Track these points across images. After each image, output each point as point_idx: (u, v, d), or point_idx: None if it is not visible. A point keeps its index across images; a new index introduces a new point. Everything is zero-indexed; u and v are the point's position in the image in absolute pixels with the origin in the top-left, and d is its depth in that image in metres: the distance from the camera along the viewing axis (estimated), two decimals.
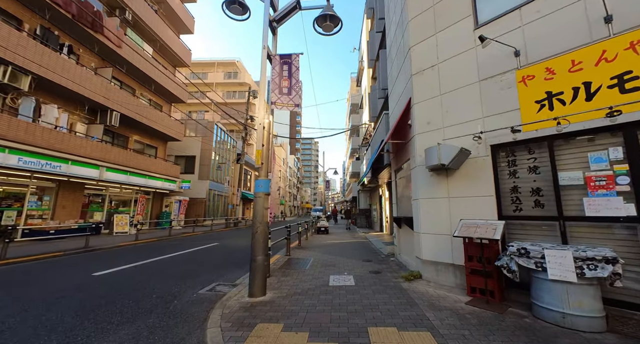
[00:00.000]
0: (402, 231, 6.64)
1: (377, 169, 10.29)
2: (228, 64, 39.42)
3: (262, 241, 4.20)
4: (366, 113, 15.99)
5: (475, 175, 4.29)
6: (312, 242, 10.74)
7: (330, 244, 10.18)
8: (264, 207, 4.28)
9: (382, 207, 15.34)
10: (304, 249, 8.67)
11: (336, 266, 6.15)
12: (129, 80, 15.89)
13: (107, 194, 14.50)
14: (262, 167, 4.38)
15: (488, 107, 4.23)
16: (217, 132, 25.12)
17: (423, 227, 4.86)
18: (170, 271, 5.82)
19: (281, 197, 50.52)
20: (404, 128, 5.88)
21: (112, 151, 13.43)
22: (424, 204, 4.90)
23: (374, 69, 13.13)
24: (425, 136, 5.02)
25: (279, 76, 4.88)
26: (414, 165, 5.29)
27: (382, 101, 11.43)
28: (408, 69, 5.65)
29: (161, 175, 17.22)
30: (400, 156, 6.54)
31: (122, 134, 15.58)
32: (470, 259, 3.89)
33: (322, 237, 12.55)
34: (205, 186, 22.74)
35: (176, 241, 11.46)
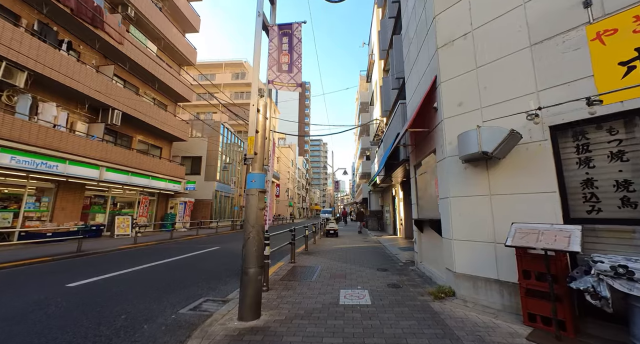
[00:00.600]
0: (425, 236, 5.68)
1: (391, 167, 9.34)
2: (236, 64, 39.24)
3: (256, 249, 3.37)
4: (377, 109, 15.05)
5: (528, 165, 3.33)
6: (320, 246, 9.87)
7: (340, 249, 9.27)
8: (259, 208, 3.45)
9: (395, 209, 14.32)
10: (311, 255, 7.80)
11: (347, 276, 5.26)
12: (132, 79, 15.53)
13: (110, 195, 14.09)
14: (255, 158, 3.56)
15: (544, 78, 3.27)
16: (223, 133, 24.68)
17: (456, 232, 3.92)
18: (156, 282, 5.07)
19: (290, 198, 49.88)
20: (427, 114, 4.95)
21: (113, 151, 13.00)
22: (456, 204, 3.96)
23: (386, 60, 12.20)
24: (457, 119, 4.09)
25: (278, 50, 4.07)
26: (441, 157, 4.35)
27: (395, 92, 10.49)
28: (432, 43, 4.73)
29: (165, 176, 16.76)
30: (421, 149, 5.60)
31: (125, 134, 15.20)
32: (526, 275, 2.93)
33: (331, 241, 11.66)
34: (211, 187, 22.27)
35: (176, 245, 10.82)
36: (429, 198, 5.39)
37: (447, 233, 4.14)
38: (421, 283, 4.80)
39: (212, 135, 23.34)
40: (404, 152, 7.41)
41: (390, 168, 9.46)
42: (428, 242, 5.45)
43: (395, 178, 11.13)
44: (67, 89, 11.02)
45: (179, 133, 18.25)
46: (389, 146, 9.20)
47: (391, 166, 9.18)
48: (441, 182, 4.40)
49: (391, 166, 9.18)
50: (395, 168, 8.83)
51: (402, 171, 9.76)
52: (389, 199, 16.36)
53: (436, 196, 4.84)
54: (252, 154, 3.49)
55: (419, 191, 6.03)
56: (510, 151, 3.39)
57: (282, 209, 46.56)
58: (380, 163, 10.20)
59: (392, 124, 8.88)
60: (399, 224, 13.28)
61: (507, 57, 3.64)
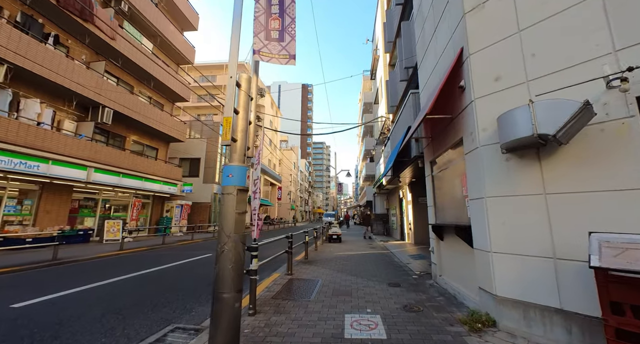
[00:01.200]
0: (445, 245, 4.77)
1: (401, 166, 8.45)
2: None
3: (233, 266, 2.51)
4: (382, 106, 14.20)
5: (603, 152, 2.44)
6: (322, 253, 8.97)
7: (344, 257, 8.36)
8: (237, 211, 2.59)
9: (402, 212, 13.37)
10: (311, 265, 6.91)
11: (353, 294, 4.36)
12: (126, 77, 14.90)
13: (100, 198, 13.36)
14: (234, 146, 2.72)
15: (626, 31, 2.39)
16: None
17: (495, 242, 3.02)
18: (122, 300, 4.22)
19: (292, 201, 49.03)
20: (450, 96, 4.08)
21: (103, 151, 12.28)
22: (494, 207, 3.07)
23: (392, 53, 11.39)
24: (493, 98, 3.21)
25: (266, 13, 3.25)
26: (471, 147, 3.47)
27: (403, 84, 9.64)
28: (455, 11, 3.89)
29: (160, 177, 16.02)
30: (440, 141, 4.72)
31: (118, 134, 14.52)
32: (618, 309, 2.03)
33: (334, 247, 10.74)
34: (210, 190, 21.51)
35: (167, 251, 9.99)
36: (451, 199, 4.49)
37: (481, 243, 3.24)
38: (445, 304, 3.88)
39: (211, 136, 22.64)
40: (417, 147, 6.53)
41: (399, 167, 8.57)
42: (450, 252, 4.54)
43: (403, 179, 10.23)
44: (52, 84, 10.36)
45: (175, 133, 17.56)
46: (397, 142, 8.33)
47: (400, 165, 8.29)
48: (471, 178, 3.51)
49: (400, 165, 8.29)
50: (405, 167, 7.94)
51: (411, 171, 8.86)
52: (395, 201, 15.42)
53: (462, 196, 3.95)
54: (229, 140, 2.64)
55: (438, 191, 5.14)
56: (576, 133, 2.50)
57: (284, 212, 45.68)
58: (388, 162, 9.31)
59: (402, 118, 8.02)
60: (407, 229, 12.32)
61: (564, 12, 2.77)
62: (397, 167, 8.75)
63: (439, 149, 4.82)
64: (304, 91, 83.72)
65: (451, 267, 4.50)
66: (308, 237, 8.06)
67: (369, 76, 37.37)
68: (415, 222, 11.19)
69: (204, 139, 22.55)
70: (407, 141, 5.73)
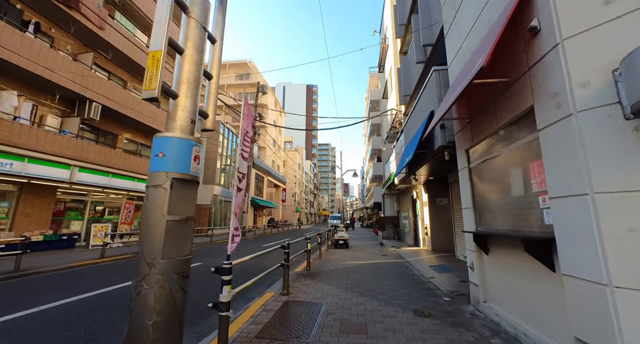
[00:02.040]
0: (494, 261, 3.53)
1: (417, 162, 7.22)
2: (240, 65, 38.07)
3: (155, 322, 1.34)
4: (393, 98, 12.97)
5: None
6: (327, 262, 7.77)
7: (353, 267, 7.15)
8: (172, 218, 1.44)
9: (416, 215, 12.08)
10: (313, 279, 5.72)
11: (369, 330, 3.16)
12: (118, 71, 14.03)
13: (89, 199, 12.44)
14: (174, 106, 1.59)
15: None
16: (224, 133, 23.08)
17: (618, 270, 1.79)
18: (51, 339, 3.11)
19: (296, 203, 47.92)
20: (508, 50, 2.87)
21: (90, 149, 11.35)
22: (612, 208, 1.84)
23: (405, 35, 10.18)
24: (602, 33, 2.00)
25: None
26: (554, 116, 2.25)
27: (419, 69, 8.42)
28: None
29: None
30: (486, 119, 3.50)
31: (109, 131, 13.64)
32: None
33: (340, 255, 9.53)
34: (210, 191, 20.55)
35: None
36: (505, 198, 3.25)
37: (581, 269, 2.01)
38: None
39: (211, 135, 21.72)
40: (442, 136, 5.30)
41: (417, 163, 7.33)
42: (504, 272, 3.30)
43: (418, 177, 8.97)
44: (32, 76, 9.47)
45: None
46: (414, 134, 7.11)
47: (418, 160, 7.05)
48: (555, 165, 2.29)
49: (418, 160, 7.05)
50: (425, 161, 6.69)
51: (429, 167, 7.62)
52: (407, 203, 14.12)
53: (529, 193, 2.72)
54: (154, 90, 1.51)
55: (479, 188, 3.89)
56: None
57: (288, 214, 44.60)
58: (402, 158, 8.08)
59: (419, 105, 6.80)
60: (423, 234, 11.02)
61: None
62: (414, 163, 7.52)
63: (482, 132, 3.59)
64: (308, 91, 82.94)
65: (506, 293, 3.26)
66: (310, 244, 6.88)
67: (375, 73, 36.20)
68: (432, 226, 9.89)
69: (204, 137, 21.63)
70: (431, 128, 4.52)
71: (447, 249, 9.40)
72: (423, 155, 6.46)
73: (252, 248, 12.09)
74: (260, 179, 32.03)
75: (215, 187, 20.85)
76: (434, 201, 10.08)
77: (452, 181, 8.38)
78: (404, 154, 8.45)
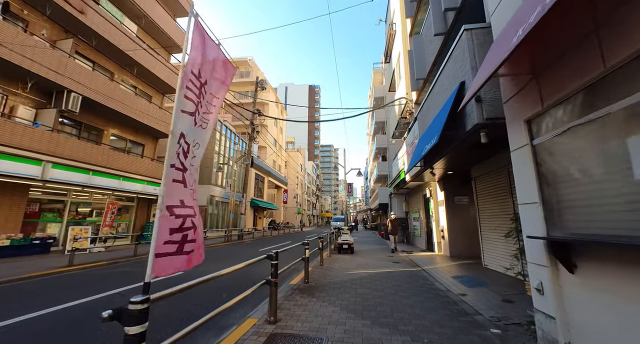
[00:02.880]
0: (582, 282, 2.29)
1: (439, 151, 5.98)
2: (239, 62, 37.14)
3: None
4: (402, 87, 11.77)
5: None
6: (329, 272, 6.56)
7: (361, 278, 5.93)
8: None
9: (430, 216, 10.81)
10: (311, 295, 4.52)
11: None
12: (104, 61, 13.02)
13: (69, 199, 11.36)
14: None
15: None
16: (221, 130, 22.02)
17: None
18: None
19: (298, 205, 46.70)
20: None
21: (68, 144, 10.29)
22: None
23: (417, 11, 8.98)
24: None
25: None
26: None
27: (436, 45, 7.21)
28: None
29: (144, 177, 14.00)
30: (567, 68, 2.29)
31: (93, 126, 12.59)
32: None
33: (345, 261, 8.30)
34: (206, 192, 19.45)
35: (128, 267, 7.78)
36: (616, 184, 2.01)
37: None
38: None
39: None
40: (478, 112, 4.08)
41: (438, 152, 6.08)
42: (604, 302, 2.06)
43: (435, 171, 7.73)
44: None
45: (164, 127, 15.57)
46: (435, 117, 5.91)
47: (440, 149, 5.80)
48: None
49: (440, 149, 5.80)
50: (449, 149, 5.46)
51: (451, 158, 6.39)
52: (418, 202, 12.85)
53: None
54: None
55: (553, 173, 2.65)
56: None
57: (290, 216, 43.39)
58: (418, 148, 6.87)
59: (444, 78, 5.59)
60: (438, 237, 9.74)
61: None
62: (433, 154, 6.28)
63: (564, 86, 2.36)
64: (310, 92, 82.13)
65: (610, 336, 2.01)
66: (309, 250, 5.67)
67: (379, 69, 35.07)
68: (450, 228, 8.63)
69: None
70: (468, 100, 3.31)
71: (469, 256, 8.13)
72: (447, 141, 5.23)
73: (247, 253, 10.89)
74: (260, 179, 30.92)
75: (211, 188, 19.74)
76: (451, 199, 8.83)
77: (476, 176, 7.13)
78: (419, 144, 7.23)
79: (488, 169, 6.43)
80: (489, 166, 6.37)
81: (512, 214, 4.66)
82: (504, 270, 5.61)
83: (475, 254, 8.07)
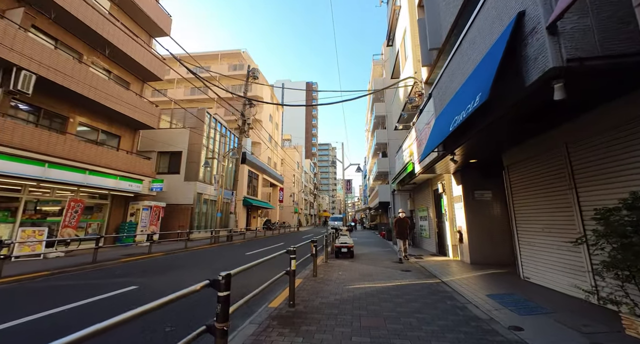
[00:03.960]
0: None
1: (470, 124, 4.49)
2: (233, 55, 35.57)
3: None
4: (409, 66, 10.31)
5: None
6: (324, 286, 5.09)
7: (365, 297, 4.46)
8: None
9: (442, 214, 9.38)
10: (295, 330, 3.05)
11: None
12: (70, 40, 11.44)
13: (24, 196, 9.78)
14: None
15: None
16: (210, 123, 20.46)
17: None
18: None
19: (295, 204, 45.20)
20: None
21: (16, 130, 8.72)
22: None
23: None
24: None
25: None
26: None
27: (456, 4, 5.73)
28: None
29: (118, 171, 12.44)
30: None
31: (56, 113, 11.01)
32: None
33: (344, 269, 6.83)
34: (192, 189, 17.89)
35: (72, 280, 6.24)
36: None
37: None
38: None
39: (196, 126, 19.13)
40: (554, 50, 2.60)
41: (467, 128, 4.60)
42: None
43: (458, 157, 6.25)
44: None
45: (144, 117, 14.02)
46: (466, 79, 4.45)
47: (471, 123, 4.32)
48: None
49: (471, 123, 4.32)
50: (489, 121, 3.98)
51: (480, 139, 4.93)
52: (426, 199, 11.42)
53: None
54: None
55: None
56: None
57: (286, 216, 41.86)
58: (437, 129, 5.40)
59: (485, 14, 4.09)
60: (454, 240, 8.29)
61: None
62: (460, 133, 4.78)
63: None
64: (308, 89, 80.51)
65: None
66: (295, 261, 4.18)
67: (379, 60, 33.65)
68: (470, 229, 7.18)
69: (187, 128, 19.04)
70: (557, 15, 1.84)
71: (496, 263, 6.71)
72: (485, 111, 3.74)
73: (228, 258, 9.28)
74: (254, 177, 29.38)
75: (198, 184, 18.19)
76: (470, 194, 7.39)
77: (511, 163, 5.66)
78: (437, 124, 5.77)
79: (531, 152, 4.97)
80: (533, 148, 4.91)
81: (592, 212, 3.20)
82: (563, 288, 4.18)
83: (504, 261, 6.65)
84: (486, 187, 7.24)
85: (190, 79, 22.22)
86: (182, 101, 31.26)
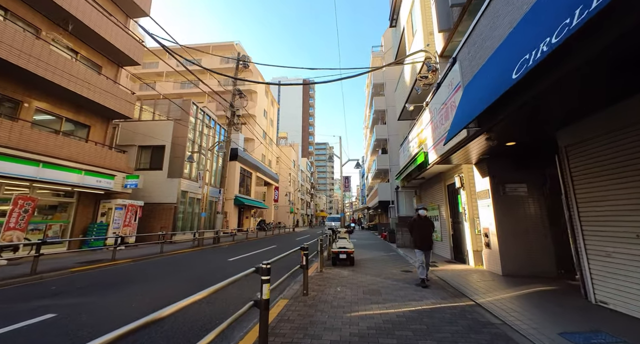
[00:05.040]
0: None
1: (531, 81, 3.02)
2: (225, 47, 34.00)
3: None
4: (419, 41, 8.88)
5: None
6: (316, 310, 3.62)
7: (375, 334, 2.98)
8: None
9: (458, 213, 7.96)
10: None
11: None
12: (23, 11, 9.83)
13: None
14: None
15: None
16: (197, 115, 18.89)
17: None
18: None
19: (291, 204, 43.64)
20: None
21: None
22: None
23: None
24: None
25: None
26: None
27: None
28: None
29: (82, 165, 10.85)
30: None
31: (6, 96, 9.40)
32: None
33: (342, 283, 5.36)
34: (176, 186, 16.32)
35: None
36: None
37: None
38: None
39: (179, 115, 17.54)
40: None
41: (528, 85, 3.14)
42: None
43: (495, 136, 4.81)
44: None
45: (117, 105, 12.44)
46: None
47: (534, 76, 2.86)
48: None
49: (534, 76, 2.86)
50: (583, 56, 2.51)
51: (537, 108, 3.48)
52: (436, 196, 9.99)
53: None
54: None
55: None
56: None
57: (282, 216, 40.29)
58: (466, 100, 3.97)
59: None
60: (474, 245, 6.86)
61: None
62: (514, 94, 3.32)
63: None
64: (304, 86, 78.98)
65: None
66: (269, 285, 2.70)
67: (379, 52, 32.29)
68: (501, 231, 5.74)
69: (171, 119, 17.45)
70: None
71: (532, 274, 5.29)
72: (561, 54, 2.28)
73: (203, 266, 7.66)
74: (247, 174, 27.81)
75: (183, 182, 16.63)
76: (500, 189, 5.95)
77: (573, 143, 4.19)
78: (467, 93, 4.33)
79: (612, 125, 3.51)
80: (616, 119, 3.46)
81: None
82: None
83: (545, 273, 5.22)
84: (520, 180, 5.81)
85: (181, 72, 20.55)
86: (172, 95, 29.58)
